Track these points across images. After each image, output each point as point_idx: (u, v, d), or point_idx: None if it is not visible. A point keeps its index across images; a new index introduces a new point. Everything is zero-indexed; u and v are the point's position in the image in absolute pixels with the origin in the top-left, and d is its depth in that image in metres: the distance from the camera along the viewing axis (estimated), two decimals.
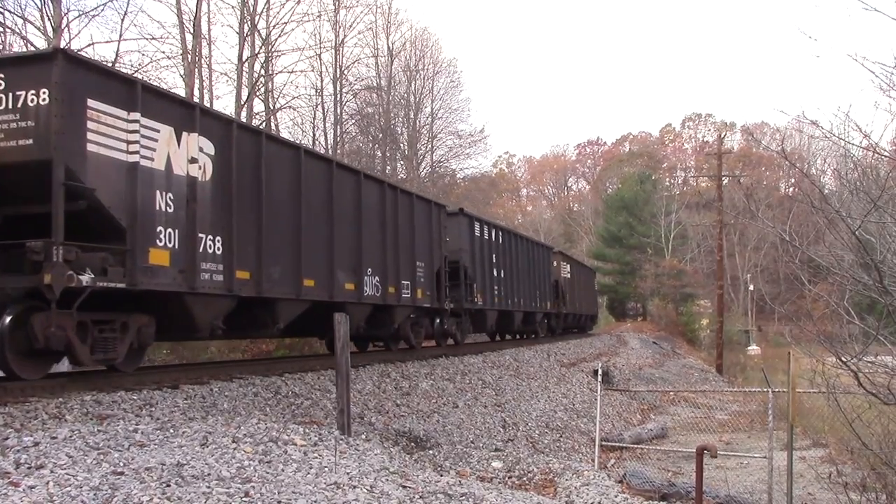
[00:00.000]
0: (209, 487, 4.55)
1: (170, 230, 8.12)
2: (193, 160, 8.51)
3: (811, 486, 10.38)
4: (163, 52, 23.83)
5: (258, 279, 9.58)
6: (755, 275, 62.99)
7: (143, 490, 4.31)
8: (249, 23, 26.70)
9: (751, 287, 60.36)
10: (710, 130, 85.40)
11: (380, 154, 41.54)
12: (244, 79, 26.63)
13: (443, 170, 48.55)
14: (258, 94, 27.86)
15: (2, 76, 7.06)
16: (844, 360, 6.78)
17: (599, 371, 12.68)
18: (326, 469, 5.65)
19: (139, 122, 7.68)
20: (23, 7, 23.87)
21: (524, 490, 7.79)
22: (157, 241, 7.93)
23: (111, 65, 17.43)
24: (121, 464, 4.87)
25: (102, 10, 22.08)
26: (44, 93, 6.92)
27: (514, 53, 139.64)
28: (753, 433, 14.33)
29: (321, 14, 32.89)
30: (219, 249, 8.86)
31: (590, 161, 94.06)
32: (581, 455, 12.12)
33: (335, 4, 33.80)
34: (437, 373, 13.87)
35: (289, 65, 70.00)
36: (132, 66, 20.78)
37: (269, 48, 27.82)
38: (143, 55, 24.89)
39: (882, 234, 7.19)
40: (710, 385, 24.44)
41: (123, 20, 27.58)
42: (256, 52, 27.20)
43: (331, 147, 33.66)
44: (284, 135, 27.88)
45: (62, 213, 6.84)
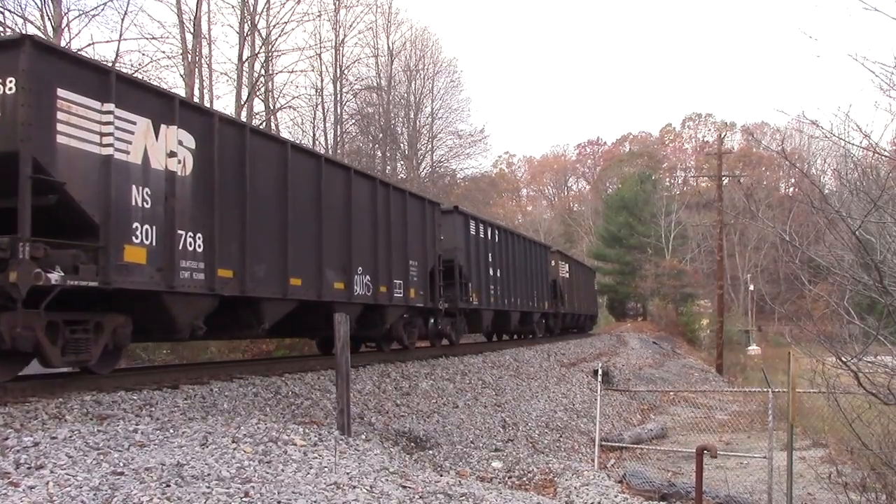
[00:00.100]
0: (209, 487, 4.55)
1: (147, 227, 7.79)
2: (172, 154, 8.18)
3: (811, 486, 10.37)
4: (163, 52, 23.95)
5: (242, 278, 9.26)
6: (755, 275, 63.02)
7: (143, 490, 4.31)
8: (249, 22, 26.71)
9: (751, 287, 60.36)
10: (710, 130, 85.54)
11: (380, 154, 41.55)
12: (244, 79, 26.65)
13: (443, 170, 48.59)
14: (258, 94, 27.89)
15: None
16: (844, 360, 6.78)
17: (599, 371, 12.70)
18: (326, 469, 5.65)
19: (113, 114, 7.35)
20: (23, 7, 23.80)
21: (524, 490, 7.79)
22: (133, 238, 7.61)
23: (112, 63, 17.44)
24: (121, 464, 4.87)
25: (102, 10, 22.03)
26: (10, 81, 6.55)
27: (514, 53, 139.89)
28: (753, 433, 14.31)
29: (321, 14, 32.98)
30: (200, 247, 8.54)
31: (590, 161, 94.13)
32: (581, 455, 12.11)
33: (335, 4, 33.86)
34: (437, 373, 13.87)
35: (289, 64, 70.13)
36: (132, 66, 20.84)
37: (269, 48, 27.84)
38: (144, 55, 24.95)
39: (882, 234, 7.19)
40: (710, 385, 24.43)
41: (123, 20, 27.65)
42: (256, 52, 27.22)
43: (331, 147, 33.66)
44: (285, 135, 27.88)
45: (29, 208, 6.51)
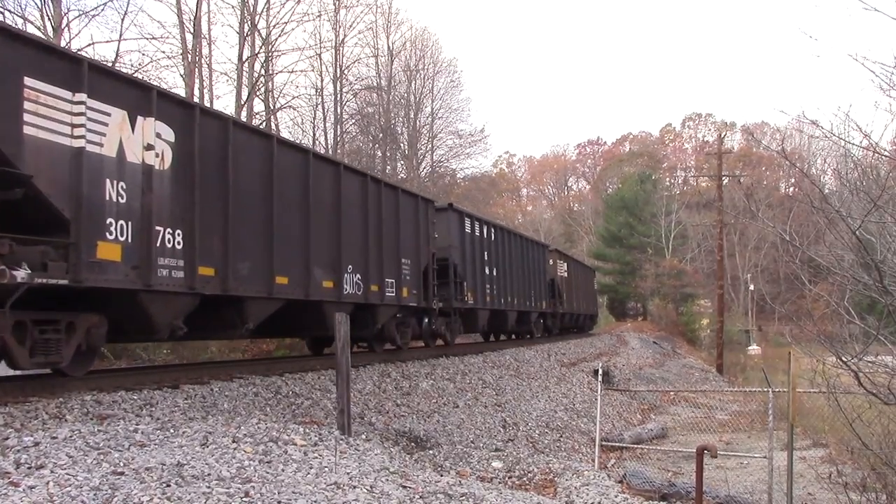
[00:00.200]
0: (209, 487, 4.55)
1: (122, 222, 7.46)
2: (150, 147, 7.84)
3: (811, 486, 10.38)
4: (163, 52, 23.97)
5: (224, 276, 8.92)
6: (755, 275, 63.02)
7: (144, 490, 4.31)
8: (249, 22, 26.72)
9: (751, 287, 60.37)
10: (710, 130, 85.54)
11: (380, 154, 41.57)
12: (244, 79, 26.65)
13: (443, 170, 48.67)
14: (258, 94, 27.90)
15: None
16: (844, 360, 6.78)
17: (600, 371, 12.71)
18: (326, 469, 5.65)
19: (86, 104, 7.00)
20: (23, 7, 23.87)
21: (524, 490, 7.79)
22: (107, 234, 7.27)
23: (112, 63, 17.46)
24: (121, 464, 4.87)
25: (102, 10, 22.13)
26: None
27: (514, 53, 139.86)
28: (753, 433, 14.31)
29: (321, 14, 33.00)
30: (179, 244, 8.21)
31: (590, 161, 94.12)
32: (581, 455, 12.11)
33: (335, 4, 33.89)
34: (438, 373, 13.87)
35: (289, 64, 70.10)
36: (132, 66, 20.84)
37: (269, 48, 27.84)
38: (144, 55, 24.96)
39: (882, 234, 7.19)
40: (711, 385, 24.42)
41: (123, 20, 27.69)
42: (256, 52, 27.23)
43: (331, 147, 33.68)
44: (285, 134, 27.89)
45: None
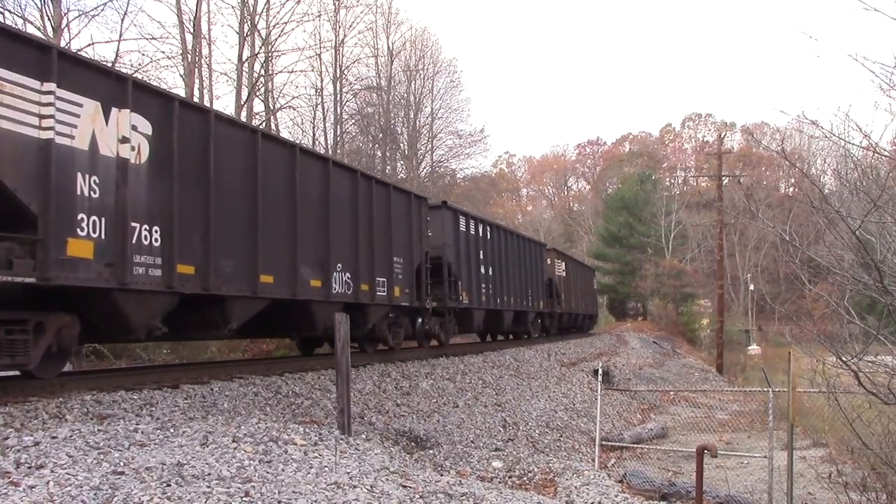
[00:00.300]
0: (209, 487, 4.55)
1: (94, 218, 7.11)
2: (125, 140, 7.53)
3: (811, 486, 10.38)
4: (163, 52, 24.01)
5: (205, 274, 8.59)
6: (755, 275, 63.01)
7: (144, 490, 4.31)
8: (249, 23, 26.74)
9: (751, 287, 60.37)
10: (710, 130, 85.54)
11: (380, 154, 41.58)
12: (244, 79, 26.67)
13: (443, 170, 48.68)
14: (258, 94, 27.92)
15: None
16: (844, 360, 6.79)
17: (600, 371, 12.71)
18: (327, 469, 5.65)
19: (55, 94, 6.70)
20: (23, 7, 23.83)
21: (524, 490, 7.78)
22: (78, 231, 6.94)
23: (112, 63, 17.44)
24: (121, 463, 4.87)
25: (102, 10, 22.19)
26: None
27: (514, 53, 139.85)
28: (753, 433, 14.33)
29: (321, 14, 33.05)
30: (157, 241, 7.89)
31: (590, 161, 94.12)
32: (581, 455, 12.11)
33: (335, 4, 33.91)
34: (438, 372, 13.88)
35: (289, 65, 70.26)
36: (132, 66, 20.84)
37: (269, 48, 27.86)
38: (143, 55, 25.02)
39: (882, 234, 7.19)
40: (711, 385, 24.41)
41: (123, 20, 27.78)
42: (256, 52, 27.24)
43: (331, 147, 33.69)
44: (285, 135, 27.90)
45: None
